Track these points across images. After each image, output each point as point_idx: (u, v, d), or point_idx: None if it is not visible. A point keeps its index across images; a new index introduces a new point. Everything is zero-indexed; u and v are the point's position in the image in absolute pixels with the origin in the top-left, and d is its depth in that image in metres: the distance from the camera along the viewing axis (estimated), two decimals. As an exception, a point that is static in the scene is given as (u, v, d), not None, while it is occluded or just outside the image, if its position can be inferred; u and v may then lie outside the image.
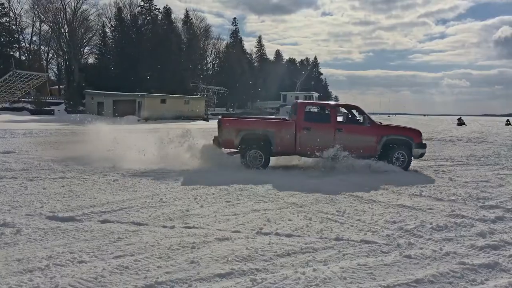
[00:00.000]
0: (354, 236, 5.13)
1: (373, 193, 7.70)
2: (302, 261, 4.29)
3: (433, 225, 5.60)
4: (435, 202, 7.07)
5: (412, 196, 7.53)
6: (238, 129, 10.59)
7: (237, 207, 6.44)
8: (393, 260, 4.35)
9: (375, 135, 10.86)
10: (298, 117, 10.84)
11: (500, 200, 7.21)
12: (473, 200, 7.17)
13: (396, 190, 7.99)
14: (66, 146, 15.07)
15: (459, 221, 5.80)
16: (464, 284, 3.81)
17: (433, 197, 7.45)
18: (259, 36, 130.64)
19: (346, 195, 7.43)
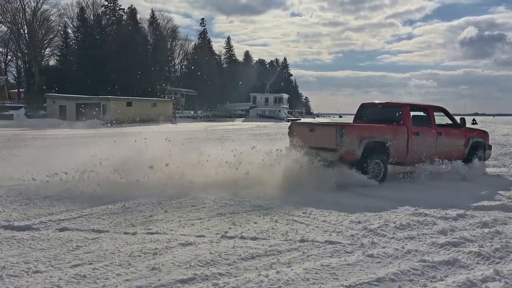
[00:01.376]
0: (319, 237, 5.13)
1: (339, 195, 7.74)
2: (266, 264, 4.25)
3: (396, 224, 5.67)
4: (400, 201, 7.16)
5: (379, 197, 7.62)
6: (360, 137, 8.88)
7: (202, 211, 6.34)
8: (356, 260, 4.37)
9: (465, 137, 10.61)
10: (405, 121, 9.76)
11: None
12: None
13: (362, 191, 8.07)
14: (23, 152, 14.54)
15: (421, 220, 5.90)
16: (424, 281, 3.86)
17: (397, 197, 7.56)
18: (228, 37, 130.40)
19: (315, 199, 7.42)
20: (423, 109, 10.39)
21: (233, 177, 7.85)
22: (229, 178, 7.84)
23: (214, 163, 8.25)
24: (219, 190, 7.49)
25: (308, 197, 7.21)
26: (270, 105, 76.51)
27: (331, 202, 6.89)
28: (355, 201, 7.06)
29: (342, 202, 6.98)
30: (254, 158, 8.27)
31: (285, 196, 7.22)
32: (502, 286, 3.76)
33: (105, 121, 41.99)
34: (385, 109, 10.38)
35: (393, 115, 9.92)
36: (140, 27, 73.79)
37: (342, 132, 8.67)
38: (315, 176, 8.03)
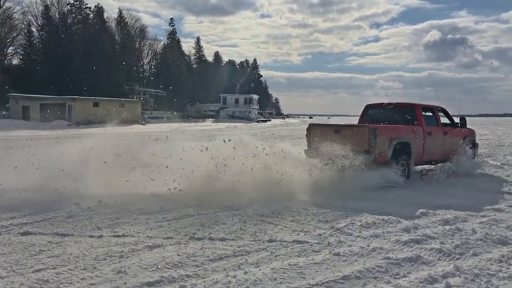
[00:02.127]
0: (287, 237, 5.17)
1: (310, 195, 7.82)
2: (234, 265, 4.25)
3: (362, 223, 5.77)
4: (365, 201, 7.30)
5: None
6: (390, 138, 8.87)
7: (171, 213, 6.28)
8: (323, 259, 4.43)
9: (462, 136, 10.91)
10: (420, 122, 9.89)
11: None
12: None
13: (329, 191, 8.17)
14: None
15: (386, 218, 6.02)
16: (388, 278, 3.96)
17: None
18: (197, 37, 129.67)
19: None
20: (430, 109, 10.58)
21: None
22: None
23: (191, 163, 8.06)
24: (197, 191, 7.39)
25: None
26: (240, 106, 76.52)
27: (299, 202, 6.95)
28: (329, 202, 7.08)
29: (315, 201, 7.06)
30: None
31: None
32: (461, 281, 3.89)
33: (71, 122, 41.04)
34: (397, 110, 10.37)
35: (406, 116, 10.04)
36: (108, 26, 72.44)
37: (376, 133, 8.56)
38: (353, 179, 7.86)
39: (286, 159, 8.02)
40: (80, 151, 8.70)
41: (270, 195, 7.10)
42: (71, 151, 9.06)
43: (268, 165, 7.65)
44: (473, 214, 6.34)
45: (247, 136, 10.30)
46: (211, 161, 7.63)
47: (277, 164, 7.70)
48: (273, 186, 7.36)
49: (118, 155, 8.70)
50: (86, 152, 8.53)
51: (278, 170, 7.55)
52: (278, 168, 7.60)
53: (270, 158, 7.88)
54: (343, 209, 6.59)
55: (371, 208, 6.56)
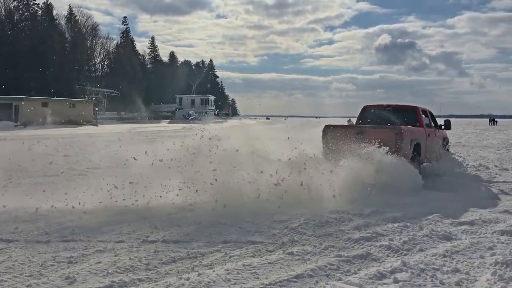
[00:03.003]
0: (242, 237, 5.19)
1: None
2: (187, 267, 4.22)
3: (316, 222, 5.88)
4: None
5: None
6: (411, 139, 9.02)
7: (124, 216, 6.14)
8: (276, 258, 4.47)
9: (443, 137, 11.27)
10: (421, 123, 10.14)
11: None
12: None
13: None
14: None
15: (339, 217, 6.16)
16: (339, 275, 4.05)
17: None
18: (152, 36, 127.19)
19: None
20: (424, 112, 10.89)
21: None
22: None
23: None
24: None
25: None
26: (196, 106, 75.97)
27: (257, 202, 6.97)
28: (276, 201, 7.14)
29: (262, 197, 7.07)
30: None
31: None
32: (408, 276, 4.04)
33: (18, 123, 39.26)
34: (398, 112, 10.48)
35: (408, 118, 10.17)
36: (57, 23, 69.80)
37: (402, 135, 8.64)
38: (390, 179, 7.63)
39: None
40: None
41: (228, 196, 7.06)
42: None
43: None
44: (421, 211, 6.59)
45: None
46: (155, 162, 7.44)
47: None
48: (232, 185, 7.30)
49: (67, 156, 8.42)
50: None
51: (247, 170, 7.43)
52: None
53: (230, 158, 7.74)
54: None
55: (326, 207, 6.68)
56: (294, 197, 6.79)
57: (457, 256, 4.66)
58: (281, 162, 7.43)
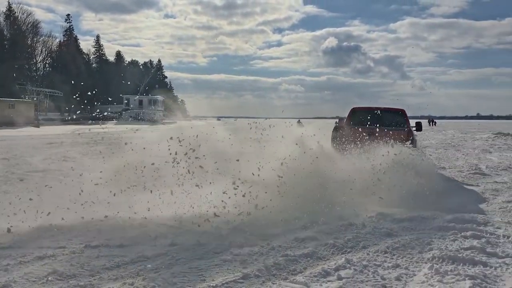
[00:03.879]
0: (189, 240, 5.13)
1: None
2: (132, 272, 4.12)
3: (262, 222, 5.91)
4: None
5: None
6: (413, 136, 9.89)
7: (66, 220, 5.88)
8: (223, 260, 4.47)
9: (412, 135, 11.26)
10: (408, 125, 10.65)
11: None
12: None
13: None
14: None
15: (287, 216, 6.23)
16: (286, 275, 4.11)
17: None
18: (97, 35, 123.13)
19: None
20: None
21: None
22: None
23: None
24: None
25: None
26: (144, 107, 74.35)
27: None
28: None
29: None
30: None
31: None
32: (351, 273, 4.16)
33: (-50, 124, 36.81)
34: (386, 113, 11.00)
35: (396, 119, 10.74)
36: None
37: (414, 136, 9.27)
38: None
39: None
40: None
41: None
42: None
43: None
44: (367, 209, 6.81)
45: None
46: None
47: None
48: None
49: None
50: None
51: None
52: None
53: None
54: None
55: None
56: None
57: (398, 252, 4.85)
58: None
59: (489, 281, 4.05)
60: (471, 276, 4.10)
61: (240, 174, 6.71)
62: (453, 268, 4.28)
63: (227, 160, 7.52)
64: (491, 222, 6.13)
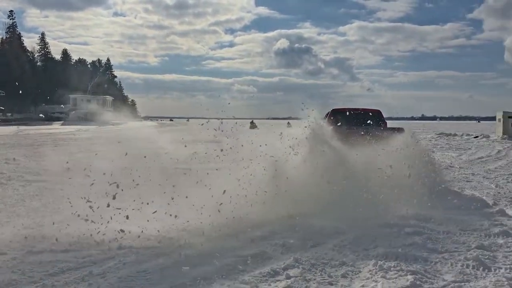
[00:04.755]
0: (136, 243, 5.04)
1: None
2: (77, 277, 3.99)
3: (214, 223, 5.90)
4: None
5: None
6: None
7: (6, 227, 5.60)
8: (173, 262, 4.43)
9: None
10: (385, 124, 10.93)
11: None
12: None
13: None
14: None
15: (237, 216, 6.24)
16: (235, 275, 4.13)
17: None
18: (42, 32, 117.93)
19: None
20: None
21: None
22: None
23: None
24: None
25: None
26: (93, 107, 72.04)
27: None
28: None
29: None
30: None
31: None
32: (300, 272, 4.24)
33: None
34: (365, 113, 11.35)
35: (374, 118, 11.10)
36: None
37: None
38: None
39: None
40: None
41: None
42: None
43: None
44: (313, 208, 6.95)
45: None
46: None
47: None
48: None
49: None
50: None
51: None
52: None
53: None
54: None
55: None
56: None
57: (344, 250, 5.00)
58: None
59: (429, 276, 4.25)
60: (412, 271, 4.28)
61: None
62: (396, 264, 4.46)
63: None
64: (433, 219, 6.42)
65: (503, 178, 10.94)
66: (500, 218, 6.51)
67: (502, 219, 6.49)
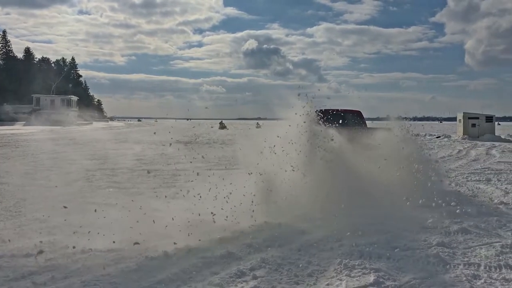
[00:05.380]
0: (101, 246, 4.95)
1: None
2: (39, 282, 3.88)
3: (180, 225, 5.86)
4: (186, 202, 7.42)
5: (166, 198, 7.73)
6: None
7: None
8: (138, 265, 4.37)
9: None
10: (365, 124, 11.46)
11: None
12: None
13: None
14: None
15: (203, 219, 6.22)
16: (201, 277, 4.12)
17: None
18: (3, 30, 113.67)
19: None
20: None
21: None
22: None
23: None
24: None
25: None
26: (57, 108, 70.07)
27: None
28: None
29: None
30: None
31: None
32: (266, 272, 4.28)
33: None
34: (348, 114, 11.76)
35: (356, 118, 11.68)
36: None
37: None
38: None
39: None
40: None
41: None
42: None
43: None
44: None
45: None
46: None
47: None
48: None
49: None
50: None
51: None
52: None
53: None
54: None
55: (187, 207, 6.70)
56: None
57: (311, 249, 5.07)
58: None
59: (391, 273, 4.36)
60: (376, 269, 4.38)
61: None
62: (360, 263, 4.55)
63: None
64: (395, 218, 6.57)
65: (463, 177, 11.33)
66: (460, 216, 6.73)
67: (463, 216, 6.71)
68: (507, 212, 7.14)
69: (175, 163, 12.36)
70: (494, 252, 4.94)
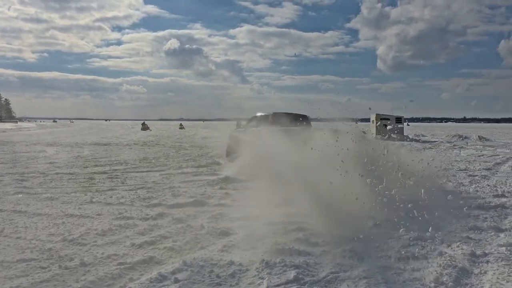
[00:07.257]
0: (10, 257, 4.60)
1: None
2: None
3: (98, 230, 5.64)
4: (104, 207, 7.16)
5: (81, 203, 7.40)
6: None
7: None
8: (51, 275, 4.12)
9: None
10: (310, 126, 12.45)
11: (163, 198, 7.94)
12: (139, 201, 7.64)
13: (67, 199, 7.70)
14: None
15: (123, 223, 6.05)
16: (120, 284, 3.98)
17: (103, 202, 7.54)
18: None
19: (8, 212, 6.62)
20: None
21: None
22: None
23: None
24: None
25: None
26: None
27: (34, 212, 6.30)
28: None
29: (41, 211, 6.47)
30: None
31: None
32: (188, 275, 4.22)
33: None
34: (296, 116, 13.08)
35: (303, 121, 12.91)
36: None
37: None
38: None
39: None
40: None
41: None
42: None
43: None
44: (202, 210, 6.98)
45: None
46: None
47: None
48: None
49: None
50: None
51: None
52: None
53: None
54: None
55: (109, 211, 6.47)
56: None
57: (234, 249, 5.09)
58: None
59: (311, 269, 4.51)
60: (296, 266, 4.51)
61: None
62: (281, 260, 4.66)
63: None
64: (312, 215, 6.80)
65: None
66: (372, 212, 7.12)
67: (375, 213, 7.11)
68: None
69: (92, 166, 11.84)
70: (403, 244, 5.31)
